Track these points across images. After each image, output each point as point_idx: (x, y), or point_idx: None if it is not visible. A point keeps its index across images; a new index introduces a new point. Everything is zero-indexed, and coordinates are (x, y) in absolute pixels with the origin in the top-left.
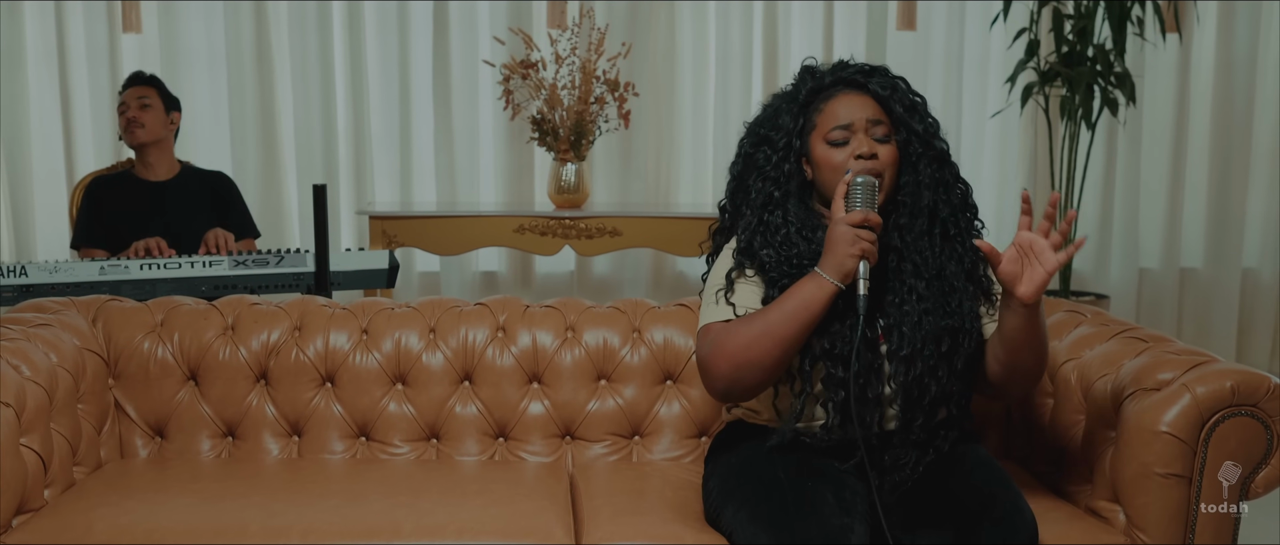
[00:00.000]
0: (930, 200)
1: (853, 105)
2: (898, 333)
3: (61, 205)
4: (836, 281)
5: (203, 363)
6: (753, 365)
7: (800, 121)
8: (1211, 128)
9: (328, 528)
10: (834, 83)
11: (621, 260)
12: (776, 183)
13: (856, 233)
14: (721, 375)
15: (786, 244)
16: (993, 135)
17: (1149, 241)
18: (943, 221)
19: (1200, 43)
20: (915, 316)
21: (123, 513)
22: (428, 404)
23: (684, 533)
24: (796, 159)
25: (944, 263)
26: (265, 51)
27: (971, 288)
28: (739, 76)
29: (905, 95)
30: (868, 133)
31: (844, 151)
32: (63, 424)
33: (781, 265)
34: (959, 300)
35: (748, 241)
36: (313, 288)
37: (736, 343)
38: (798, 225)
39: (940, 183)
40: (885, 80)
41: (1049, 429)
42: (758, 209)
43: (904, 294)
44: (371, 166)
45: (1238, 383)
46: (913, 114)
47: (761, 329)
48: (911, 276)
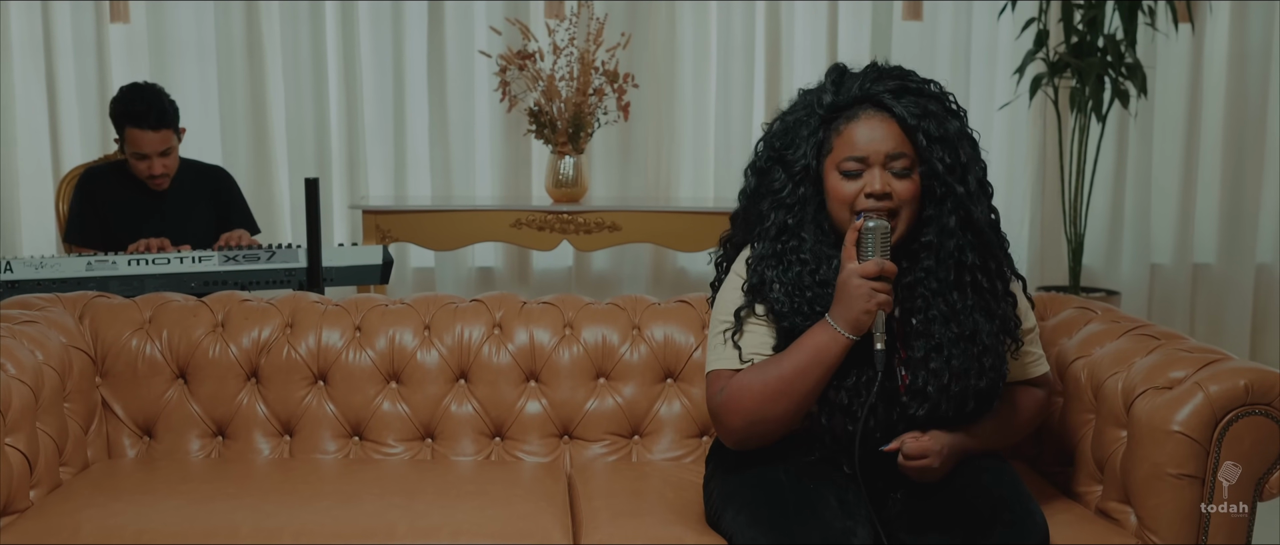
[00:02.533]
0: (955, 247)
1: (873, 132)
2: (923, 395)
3: (47, 200)
4: (850, 335)
5: (192, 361)
6: (768, 421)
7: (818, 139)
8: (1225, 120)
9: (320, 530)
10: (860, 98)
11: (621, 256)
12: (790, 210)
13: (872, 286)
14: (735, 429)
15: (798, 287)
16: (1001, 128)
17: (1160, 237)
18: (971, 269)
19: (1213, 33)
20: (944, 378)
21: (110, 514)
22: (422, 403)
23: (684, 534)
24: (813, 182)
25: (977, 320)
26: (256, 42)
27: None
28: (741, 67)
29: (937, 123)
30: (885, 167)
31: (856, 185)
32: (49, 423)
33: (794, 314)
34: (992, 361)
35: (759, 277)
36: (305, 284)
37: (751, 398)
38: (812, 264)
39: (966, 227)
40: (916, 104)
41: (1058, 429)
42: (771, 239)
43: (932, 350)
44: (365, 159)
45: (1251, 381)
46: (940, 145)
47: (777, 385)
48: (940, 328)
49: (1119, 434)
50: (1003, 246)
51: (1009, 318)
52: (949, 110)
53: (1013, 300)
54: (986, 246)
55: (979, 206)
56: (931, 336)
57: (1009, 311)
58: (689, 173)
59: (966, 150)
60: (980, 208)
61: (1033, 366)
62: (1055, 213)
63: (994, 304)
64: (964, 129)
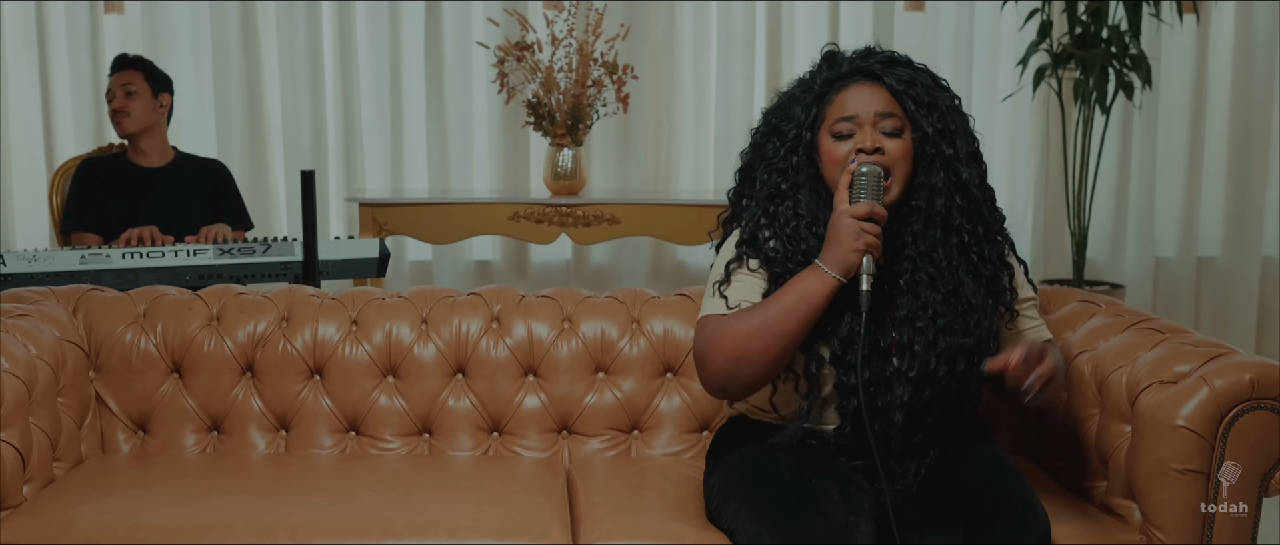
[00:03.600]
0: (943, 207)
1: (863, 97)
2: (910, 352)
3: (41, 192)
4: (838, 276)
5: (187, 355)
6: (750, 361)
7: (812, 113)
8: (1230, 112)
9: (316, 526)
10: (850, 72)
11: (620, 249)
12: (784, 174)
13: (861, 226)
14: (717, 370)
15: (795, 237)
16: (1004, 120)
17: (1165, 230)
18: (958, 230)
19: (1218, 24)
20: (930, 335)
21: (104, 510)
22: (419, 397)
23: (684, 531)
24: (806, 151)
25: (962, 278)
26: (252, 32)
27: (991, 302)
28: (742, 58)
29: (925, 91)
30: (876, 126)
31: (847, 145)
32: (42, 418)
33: (787, 260)
34: (977, 319)
35: (752, 232)
36: (301, 277)
37: (733, 337)
38: (808, 218)
39: (955, 188)
40: (905, 73)
41: (1062, 424)
42: (762, 201)
43: (918, 309)
44: (361, 151)
45: (1257, 375)
46: (929, 112)
47: (760, 323)
48: (927, 289)
49: (1123, 429)
50: (996, 218)
51: (999, 282)
52: (939, 85)
53: (1010, 272)
54: (976, 211)
55: (968, 170)
56: (918, 297)
57: (999, 276)
58: (689, 165)
59: (956, 121)
60: (969, 171)
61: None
62: (1059, 206)
63: (981, 266)
64: (954, 103)
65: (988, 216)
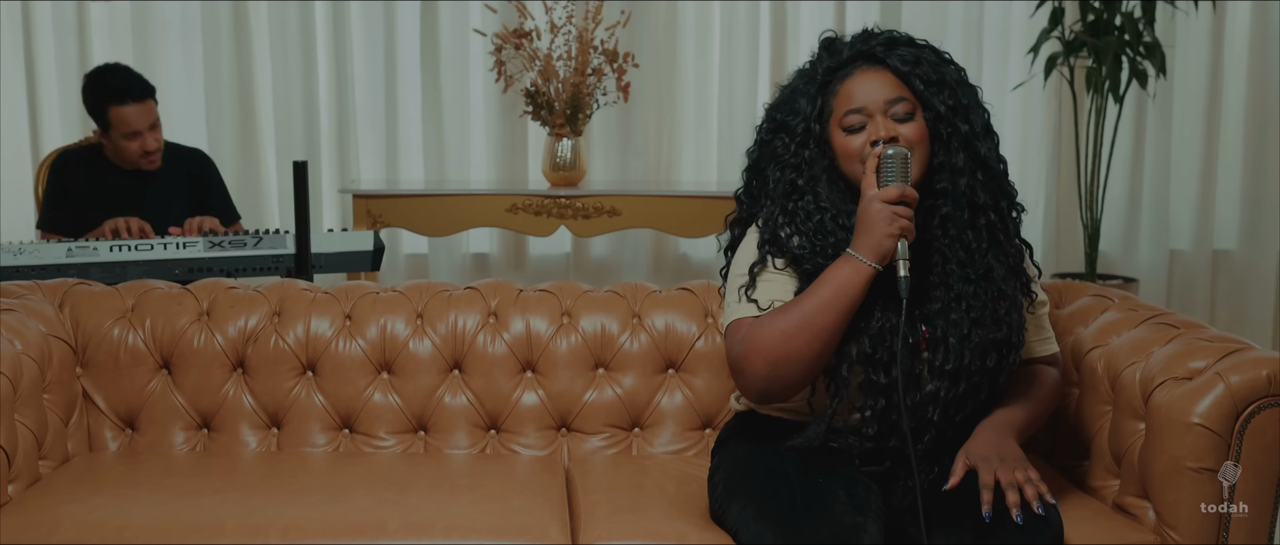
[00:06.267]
0: (968, 186)
1: (869, 85)
2: (944, 346)
3: (26, 184)
4: (874, 263)
5: (176, 350)
6: (791, 360)
7: (818, 104)
8: (1247, 101)
9: (309, 525)
10: (852, 58)
11: (620, 241)
12: (797, 169)
13: (893, 210)
14: (758, 374)
15: (820, 231)
16: (1014, 109)
17: (1180, 222)
18: (984, 210)
19: (1234, 11)
20: (964, 328)
21: (91, 509)
22: (415, 394)
23: (687, 530)
24: (818, 144)
25: (991, 262)
26: (242, 20)
27: (1018, 285)
28: (746, 45)
29: (932, 68)
30: (886, 114)
31: (861, 137)
32: (27, 415)
33: (816, 255)
34: (1007, 308)
35: (772, 232)
36: (293, 271)
37: (772, 337)
38: (832, 211)
39: (976, 165)
40: (908, 52)
41: (1074, 421)
42: (779, 199)
43: (950, 301)
44: (355, 142)
45: (1274, 371)
46: (939, 89)
47: (798, 320)
48: (958, 280)
49: (1137, 426)
50: (1011, 193)
51: (1019, 262)
52: (944, 60)
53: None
54: (998, 186)
55: (984, 144)
56: (950, 288)
57: (1021, 256)
58: (691, 156)
59: (967, 95)
60: (986, 145)
61: (1043, 344)
62: (1071, 197)
63: (1006, 244)
64: (962, 77)
65: (1011, 191)
